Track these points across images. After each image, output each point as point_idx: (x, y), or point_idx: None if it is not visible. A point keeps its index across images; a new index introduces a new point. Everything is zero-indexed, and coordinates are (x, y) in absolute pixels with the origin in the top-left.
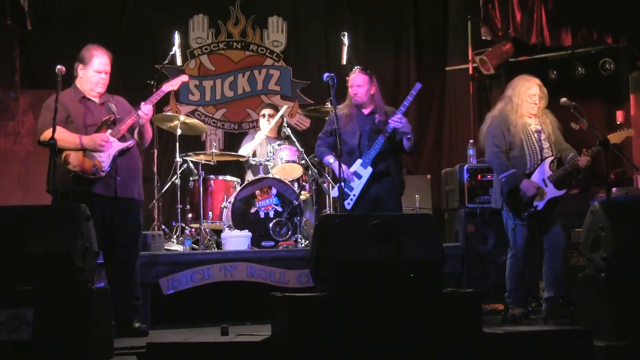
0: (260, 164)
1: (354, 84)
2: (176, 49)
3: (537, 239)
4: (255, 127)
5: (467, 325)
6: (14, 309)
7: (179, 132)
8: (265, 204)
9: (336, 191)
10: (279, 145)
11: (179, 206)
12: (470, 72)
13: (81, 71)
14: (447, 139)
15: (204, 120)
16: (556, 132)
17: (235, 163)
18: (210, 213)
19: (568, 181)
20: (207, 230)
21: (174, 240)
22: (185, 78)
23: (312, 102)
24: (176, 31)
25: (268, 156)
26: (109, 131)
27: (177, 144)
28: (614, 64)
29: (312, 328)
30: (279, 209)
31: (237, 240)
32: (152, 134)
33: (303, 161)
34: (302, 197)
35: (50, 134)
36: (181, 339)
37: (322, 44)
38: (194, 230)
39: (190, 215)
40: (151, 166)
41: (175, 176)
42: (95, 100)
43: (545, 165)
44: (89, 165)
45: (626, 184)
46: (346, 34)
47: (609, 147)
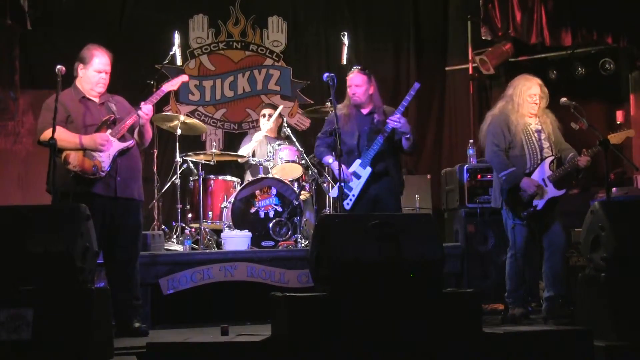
0: (260, 164)
1: (353, 83)
2: (176, 49)
3: (536, 238)
4: (255, 127)
5: (467, 325)
6: (14, 309)
7: (179, 132)
8: (265, 204)
9: (336, 191)
10: (278, 145)
11: (179, 206)
12: (470, 72)
13: (81, 71)
14: (447, 139)
15: (204, 120)
16: (556, 132)
17: (235, 163)
18: (210, 213)
19: (568, 181)
20: (207, 230)
21: (174, 240)
22: (185, 78)
23: (312, 102)
24: (176, 31)
25: (268, 156)
26: (109, 131)
27: (177, 144)
28: (614, 64)
29: (312, 328)
30: (279, 209)
31: (237, 240)
32: (152, 134)
33: (303, 161)
34: (302, 197)
35: (50, 133)
36: (181, 339)
37: (322, 44)
38: (194, 230)
39: (190, 215)
40: (151, 166)
41: (175, 176)
42: (95, 100)
43: (545, 165)
44: (89, 165)
45: (626, 184)
46: (346, 34)
47: (609, 147)
